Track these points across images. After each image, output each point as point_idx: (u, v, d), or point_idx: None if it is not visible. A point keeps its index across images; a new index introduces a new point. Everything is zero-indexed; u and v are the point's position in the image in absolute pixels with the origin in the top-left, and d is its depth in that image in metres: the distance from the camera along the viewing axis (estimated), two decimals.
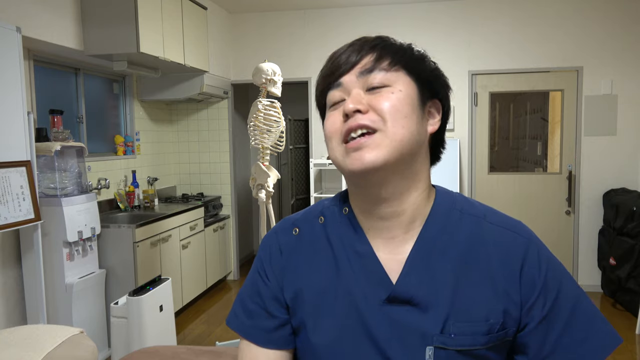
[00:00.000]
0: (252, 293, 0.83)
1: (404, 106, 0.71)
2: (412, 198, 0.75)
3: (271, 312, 0.80)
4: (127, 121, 4.20)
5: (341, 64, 0.74)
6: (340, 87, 0.74)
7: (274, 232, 0.86)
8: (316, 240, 0.81)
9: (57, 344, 1.95)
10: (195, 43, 4.06)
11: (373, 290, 0.74)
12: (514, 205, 4.58)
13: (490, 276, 0.72)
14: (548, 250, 0.75)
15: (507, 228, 0.75)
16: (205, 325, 3.82)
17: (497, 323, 0.71)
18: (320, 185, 4.99)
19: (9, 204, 2.48)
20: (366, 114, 0.70)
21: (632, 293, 3.79)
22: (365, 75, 0.72)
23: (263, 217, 3.15)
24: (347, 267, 0.76)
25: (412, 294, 0.72)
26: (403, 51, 0.74)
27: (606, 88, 4.36)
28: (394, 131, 0.69)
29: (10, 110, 2.51)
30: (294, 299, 0.79)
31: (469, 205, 0.78)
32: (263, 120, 2.95)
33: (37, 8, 2.77)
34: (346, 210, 0.80)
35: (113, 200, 3.83)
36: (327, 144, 0.76)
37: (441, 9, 4.58)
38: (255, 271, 0.84)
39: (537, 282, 0.71)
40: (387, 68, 0.72)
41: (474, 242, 0.74)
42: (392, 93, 0.71)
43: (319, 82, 0.79)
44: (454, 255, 0.73)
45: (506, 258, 0.73)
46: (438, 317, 0.71)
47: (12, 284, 2.83)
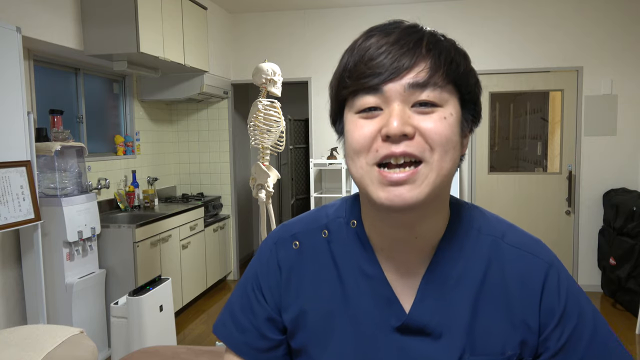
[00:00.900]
0: (245, 307, 0.76)
1: (454, 135, 0.61)
2: (432, 221, 0.68)
3: (264, 333, 0.74)
4: (127, 121, 4.20)
5: (385, 67, 0.60)
6: (379, 94, 0.60)
7: (273, 243, 0.77)
8: (319, 257, 0.73)
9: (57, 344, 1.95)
10: (195, 43, 4.06)
11: (383, 316, 0.68)
12: (514, 205, 4.58)
13: (507, 304, 0.67)
14: (568, 274, 0.70)
15: (526, 251, 0.69)
16: (205, 325, 3.82)
17: (514, 355, 0.66)
18: (320, 185, 4.99)
19: (9, 204, 2.48)
20: (412, 139, 0.59)
21: (632, 293, 3.79)
22: (416, 89, 0.60)
23: (263, 217, 3.15)
24: (354, 289, 0.70)
25: (425, 323, 0.67)
26: (457, 61, 0.62)
27: (606, 88, 4.36)
28: (442, 165, 0.60)
29: (10, 110, 2.51)
30: (294, 321, 0.73)
31: (486, 223, 0.71)
32: (263, 120, 2.95)
33: (37, 8, 2.77)
34: (354, 223, 0.72)
35: (113, 200, 3.83)
36: (351, 157, 0.64)
37: (441, 9, 4.58)
38: (249, 283, 0.76)
39: (556, 310, 0.66)
40: (441, 84, 0.60)
41: (491, 266, 0.68)
42: (445, 118, 0.60)
43: (346, 77, 0.63)
44: (470, 281, 0.68)
45: (525, 284, 0.67)
46: (453, 349, 0.66)
47: (12, 284, 2.83)
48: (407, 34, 0.62)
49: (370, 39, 0.62)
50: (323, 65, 4.76)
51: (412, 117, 0.59)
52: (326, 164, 4.55)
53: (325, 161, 4.56)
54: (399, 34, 0.61)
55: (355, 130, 0.62)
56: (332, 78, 0.67)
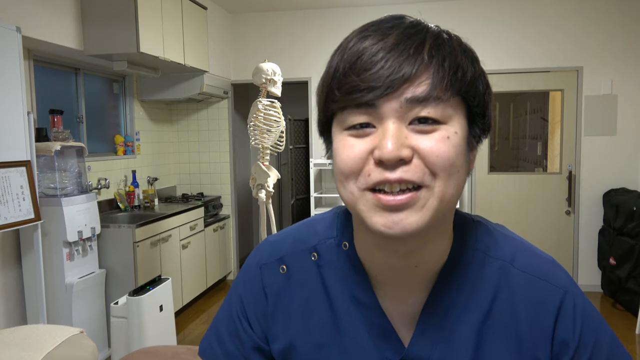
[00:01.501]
0: (230, 332, 0.70)
1: (459, 157, 0.53)
2: (434, 247, 0.60)
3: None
4: (127, 121, 4.20)
5: (381, 80, 0.50)
6: (371, 110, 0.52)
7: (257, 266, 0.70)
8: (308, 283, 0.66)
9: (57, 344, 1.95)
10: (195, 43, 4.06)
11: (379, 351, 0.62)
12: (514, 205, 4.58)
13: (516, 336, 0.60)
14: (584, 299, 0.62)
15: (538, 277, 0.61)
16: (205, 325, 3.82)
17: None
18: (320, 185, 4.99)
19: (9, 204, 2.48)
20: (409, 164, 0.51)
21: (632, 293, 3.79)
22: (415, 105, 0.51)
23: (263, 217, 3.15)
24: (346, 318, 0.64)
25: (425, 358, 0.61)
26: (464, 68, 0.53)
27: (606, 88, 4.36)
28: (444, 191, 0.52)
29: (10, 110, 2.51)
30: (283, 353, 0.67)
31: (493, 243, 0.64)
32: (263, 120, 2.95)
33: (37, 8, 2.77)
34: (346, 245, 0.65)
35: (113, 200, 3.83)
36: (340, 180, 0.55)
37: (440, 9, 4.58)
38: (234, 309, 0.71)
39: (570, 342, 0.60)
40: (445, 97, 0.51)
41: (498, 295, 0.61)
42: (448, 138, 0.51)
43: (335, 89, 0.54)
44: (475, 310, 0.61)
45: (536, 315, 0.60)
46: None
47: (12, 284, 2.83)
48: (407, 36, 0.53)
49: (364, 40, 0.53)
50: (323, 65, 4.67)
51: (409, 137, 0.51)
52: (326, 164, 4.55)
53: (325, 161, 4.56)
54: (397, 36, 0.53)
55: (344, 150, 0.54)
56: (320, 84, 0.59)
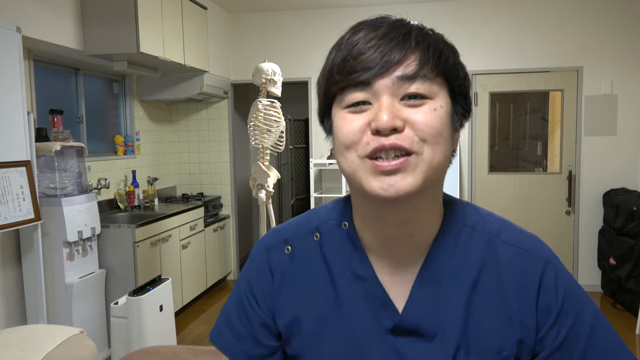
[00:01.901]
0: (239, 313, 0.75)
1: (445, 127, 0.61)
2: (426, 218, 0.67)
3: (260, 340, 0.74)
4: (127, 121, 4.20)
5: (375, 61, 0.59)
6: (367, 89, 0.60)
7: (264, 248, 0.76)
8: (311, 261, 0.72)
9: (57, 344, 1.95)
10: (195, 43, 4.06)
11: (376, 318, 0.68)
12: (514, 205, 4.58)
13: (504, 303, 0.65)
14: (566, 271, 0.68)
15: (522, 248, 0.68)
16: (205, 325, 3.82)
17: (511, 355, 0.65)
18: (320, 185, 4.99)
19: (9, 204, 2.48)
20: (402, 132, 0.58)
21: (632, 293, 3.79)
22: (404, 82, 0.59)
23: (263, 217, 3.15)
24: (346, 291, 0.69)
25: (419, 323, 0.66)
26: (446, 54, 0.62)
27: (606, 88, 4.36)
28: (432, 157, 0.59)
29: (10, 110, 2.51)
30: (288, 327, 0.72)
31: (481, 220, 0.70)
32: (263, 120, 2.95)
33: (37, 8, 2.77)
34: (346, 225, 0.72)
35: (113, 200, 3.83)
36: (341, 152, 0.63)
37: (441, 9, 4.58)
38: (242, 290, 0.76)
39: (553, 309, 0.65)
40: (430, 76, 0.60)
41: (486, 265, 0.67)
42: (435, 110, 0.60)
43: (335, 73, 0.62)
44: (464, 279, 0.66)
45: (521, 283, 0.66)
46: (447, 349, 0.65)
47: (12, 284, 2.83)
48: (395, 27, 0.61)
49: (357, 33, 0.61)
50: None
51: (401, 110, 0.59)
52: (326, 164, 4.55)
53: (325, 161, 4.56)
54: (387, 27, 0.61)
55: (344, 125, 0.61)
56: (320, 76, 0.66)
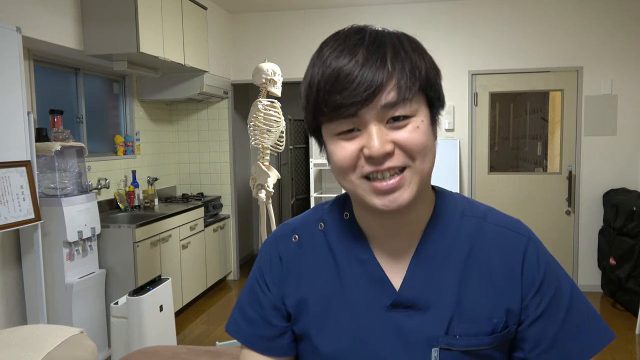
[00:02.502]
0: (252, 301, 0.82)
1: (428, 138, 0.66)
2: (418, 209, 0.74)
3: (271, 321, 0.79)
4: (127, 121, 4.20)
5: (359, 94, 0.62)
6: (354, 118, 0.64)
7: (273, 239, 0.83)
8: (317, 248, 0.79)
9: (57, 344, 1.95)
10: (195, 43, 4.06)
11: (376, 297, 0.74)
12: (514, 205, 4.58)
13: (492, 276, 0.73)
14: (545, 249, 0.76)
15: (507, 227, 0.76)
16: (205, 325, 3.82)
17: (501, 322, 0.71)
18: (320, 185, 4.99)
19: (9, 204, 2.48)
20: (393, 155, 0.65)
21: (632, 293, 3.79)
22: (388, 109, 0.63)
23: (263, 217, 3.15)
24: (349, 274, 0.76)
25: (415, 299, 0.72)
26: (419, 66, 0.65)
27: (606, 88, 4.36)
28: (422, 168, 0.67)
29: (10, 110, 2.51)
30: (296, 307, 0.78)
31: (469, 206, 0.78)
32: (263, 120, 2.95)
33: (37, 8, 2.77)
34: (347, 215, 0.79)
35: (113, 200, 3.83)
36: (339, 173, 0.69)
37: (441, 9, 4.58)
38: (254, 279, 0.83)
39: (536, 279, 0.72)
40: (409, 97, 0.64)
41: (475, 244, 0.74)
42: (418, 127, 0.65)
43: (322, 106, 0.65)
44: (455, 257, 0.73)
45: (507, 257, 0.73)
46: (442, 319, 0.71)
47: (12, 284, 2.83)
48: (371, 51, 0.64)
49: (338, 60, 0.64)
50: None
51: (388, 134, 0.64)
52: (326, 164, 4.54)
53: (325, 161, 4.54)
54: (364, 52, 0.63)
55: (339, 151, 0.67)
56: (305, 96, 0.69)
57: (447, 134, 4.63)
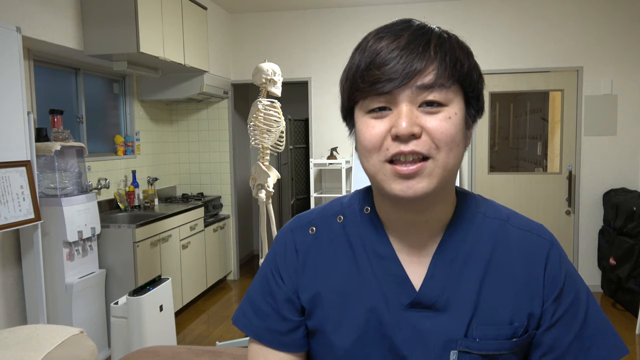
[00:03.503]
0: (264, 293, 0.79)
1: (458, 133, 0.65)
2: (440, 207, 0.73)
3: (284, 315, 0.77)
4: (127, 121, 4.20)
5: (398, 73, 0.62)
6: (388, 96, 0.64)
7: (289, 229, 0.81)
8: (335, 240, 0.77)
9: (57, 344, 1.95)
10: (195, 43, 4.06)
11: (395, 294, 0.72)
12: (514, 205, 4.58)
13: (514, 279, 0.71)
14: (566, 256, 0.75)
15: (530, 231, 0.74)
16: (205, 325, 3.82)
17: (522, 326, 0.70)
18: (320, 185, 4.99)
19: (9, 204, 2.48)
20: (419, 139, 0.63)
21: (632, 293, 3.79)
22: (423, 91, 0.63)
23: (263, 217, 3.15)
24: (367, 269, 0.74)
25: (435, 299, 0.71)
26: (461, 61, 0.65)
27: (606, 88, 4.36)
28: (447, 161, 0.65)
29: (10, 110, 2.51)
30: (311, 301, 0.76)
31: (492, 208, 0.77)
32: (263, 120, 2.95)
33: (37, 8, 2.77)
34: (367, 209, 0.77)
35: (113, 200, 3.83)
36: (363, 154, 0.68)
37: (441, 9, 4.58)
38: (268, 270, 0.80)
39: (557, 285, 0.71)
40: (447, 84, 0.64)
41: (497, 246, 0.73)
42: (450, 118, 0.64)
43: (359, 81, 0.66)
44: (477, 258, 0.72)
45: (530, 260, 0.72)
46: (461, 320, 0.70)
47: (12, 284, 2.83)
48: (416, 36, 0.64)
49: (381, 41, 0.65)
50: (323, 65, 4.76)
51: (419, 117, 0.63)
52: (326, 164, 4.55)
53: (325, 161, 4.56)
54: (408, 36, 0.64)
55: (366, 130, 0.66)
56: (343, 76, 0.70)
57: None
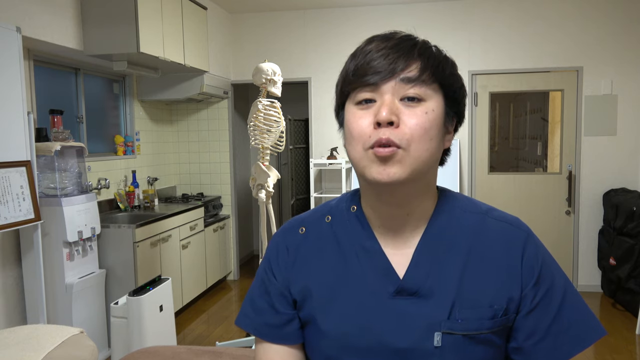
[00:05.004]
0: (261, 292, 0.85)
1: (432, 128, 0.72)
2: (421, 201, 0.78)
3: (277, 308, 0.83)
4: (127, 121, 4.20)
5: (383, 67, 0.71)
6: (375, 89, 0.72)
7: (282, 231, 0.88)
8: (323, 238, 0.83)
9: (57, 344, 1.95)
10: (195, 43, 4.06)
11: (381, 284, 0.77)
12: (514, 205, 4.58)
13: (493, 265, 0.76)
14: (543, 245, 0.81)
15: (508, 222, 0.80)
16: (205, 325, 3.82)
17: (501, 309, 0.75)
18: (320, 185, 4.99)
19: (9, 204, 2.48)
20: (396, 129, 0.70)
21: (632, 293, 3.79)
22: (405, 84, 0.71)
23: (263, 217, 3.15)
24: (354, 262, 0.79)
25: (419, 286, 0.76)
26: (443, 66, 0.74)
27: (606, 88, 4.36)
28: (418, 154, 0.71)
29: (10, 110, 2.51)
30: (301, 293, 0.81)
31: (471, 203, 0.83)
32: (263, 120, 2.95)
33: (37, 8, 2.77)
34: (354, 208, 0.83)
35: (113, 200, 3.83)
36: (349, 142, 0.75)
37: (441, 9, 4.58)
38: (263, 270, 0.87)
39: (534, 271, 0.76)
40: (427, 82, 0.72)
41: (477, 235, 0.78)
42: (426, 113, 0.71)
43: (349, 76, 0.75)
44: (458, 247, 0.77)
45: (508, 248, 0.77)
46: (445, 304, 0.75)
47: (12, 284, 2.83)
48: (403, 40, 0.74)
49: (370, 43, 0.75)
50: (323, 65, 4.76)
51: (399, 109, 0.71)
52: (326, 164, 4.55)
53: (325, 161, 4.56)
54: (396, 40, 0.74)
55: (354, 119, 0.74)
56: (338, 79, 0.78)
57: None
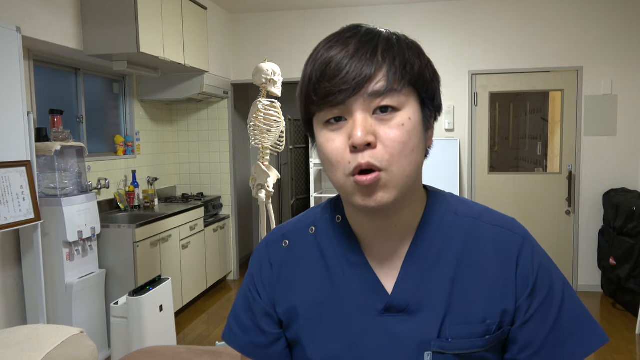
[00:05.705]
0: (245, 308, 0.81)
1: (411, 139, 0.65)
2: (408, 210, 0.72)
3: (263, 328, 0.78)
4: (127, 121, 4.20)
5: (348, 83, 0.62)
6: (342, 106, 0.64)
7: (264, 244, 0.82)
8: (307, 252, 0.78)
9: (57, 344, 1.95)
10: (195, 43, 4.06)
11: (368, 300, 0.72)
12: (514, 205, 4.58)
13: (485, 277, 0.71)
14: (540, 248, 0.75)
15: (502, 226, 0.74)
16: (205, 325, 3.82)
17: (494, 323, 0.70)
18: (320, 185, 4.99)
19: (9, 204, 2.48)
20: (375, 149, 0.63)
21: (632, 293, 3.79)
22: (375, 97, 0.63)
23: (263, 217, 3.15)
24: (340, 278, 0.74)
25: (408, 303, 0.71)
26: (411, 63, 0.65)
27: (606, 88, 4.36)
28: (401, 171, 0.64)
29: (10, 110, 2.51)
30: (287, 313, 0.77)
31: (462, 206, 0.76)
32: (263, 120, 2.95)
33: (37, 8, 2.77)
34: (339, 218, 0.78)
35: (113, 200, 3.83)
36: (328, 168, 0.68)
37: (441, 9, 4.58)
38: (246, 286, 0.82)
39: (530, 279, 0.71)
40: (398, 88, 0.63)
41: (468, 244, 0.72)
42: (403, 124, 0.64)
43: (312, 95, 0.66)
44: (448, 258, 0.72)
45: (501, 257, 0.72)
46: (434, 321, 0.70)
47: (12, 284, 2.83)
48: (363, 43, 0.64)
49: (330, 50, 0.65)
50: None
51: (373, 125, 0.63)
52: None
53: None
54: (356, 44, 0.64)
55: (327, 144, 0.66)
56: (299, 91, 0.70)
57: (447, 134, 4.63)
